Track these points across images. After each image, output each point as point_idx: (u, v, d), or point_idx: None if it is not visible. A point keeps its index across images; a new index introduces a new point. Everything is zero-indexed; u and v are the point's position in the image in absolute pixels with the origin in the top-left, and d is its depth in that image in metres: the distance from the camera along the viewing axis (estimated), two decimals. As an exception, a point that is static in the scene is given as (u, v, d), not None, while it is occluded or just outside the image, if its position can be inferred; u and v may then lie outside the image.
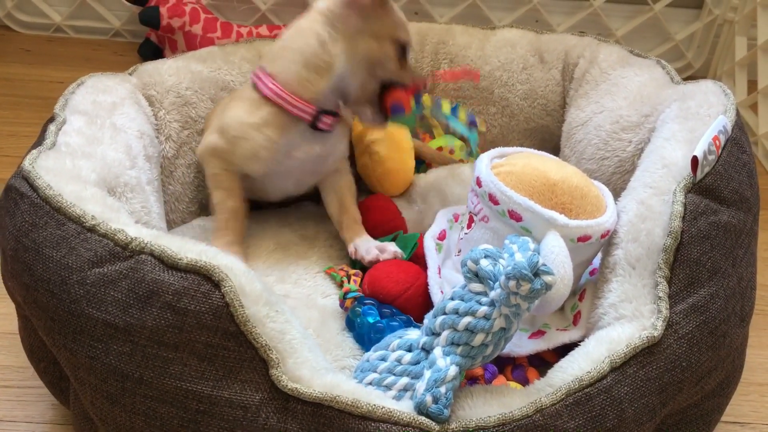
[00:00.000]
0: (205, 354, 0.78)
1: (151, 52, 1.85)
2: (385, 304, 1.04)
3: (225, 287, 0.78)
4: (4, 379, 1.09)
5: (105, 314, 0.79)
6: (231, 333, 0.78)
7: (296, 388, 0.77)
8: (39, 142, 0.99)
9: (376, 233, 1.19)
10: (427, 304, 1.06)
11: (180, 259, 0.80)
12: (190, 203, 1.29)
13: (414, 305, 1.06)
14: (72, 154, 0.97)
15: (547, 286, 0.77)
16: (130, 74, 1.27)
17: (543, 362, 0.98)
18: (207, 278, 0.79)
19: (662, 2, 1.90)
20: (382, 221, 1.22)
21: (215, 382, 0.78)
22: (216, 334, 0.78)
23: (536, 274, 0.76)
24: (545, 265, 0.77)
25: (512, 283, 0.76)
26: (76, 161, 0.96)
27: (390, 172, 1.31)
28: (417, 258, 1.15)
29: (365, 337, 1.00)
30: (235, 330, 0.78)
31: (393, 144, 1.32)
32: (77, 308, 0.80)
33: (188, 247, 0.82)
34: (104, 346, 0.79)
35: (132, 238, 0.82)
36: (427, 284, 1.07)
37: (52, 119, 1.04)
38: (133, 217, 0.98)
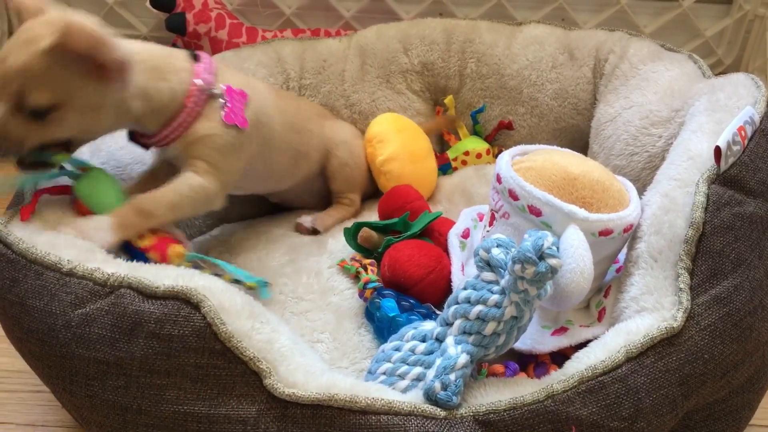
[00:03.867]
0: (197, 375, 0.79)
1: (179, 58, 1.87)
2: (404, 296, 1.04)
3: (204, 308, 0.79)
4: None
5: (95, 352, 0.80)
6: (218, 351, 0.79)
7: (293, 393, 0.77)
8: (14, 202, 0.99)
9: (396, 214, 1.19)
10: (448, 289, 1.07)
11: (157, 288, 0.81)
12: (207, 216, 1.30)
13: (436, 290, 1.06)
14: (49, 205, 0.98)
15: (552, 269, 0.76)
16: None
17: (566, 360, 0.98)
18: (186, 302, 0.80)
19: (691, -2, 1.88)
20: (402, 202, 1.21)
21: (211, 401, 0.79)
22: (203, 354, 0.79)
23: (541, 257, 0.76)
24: (551, 248, 0.76)
25: (517, 266, 0.76)
26: (53, 210, 0.97)
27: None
28: (435, 234, 1.16)
29: (385, 330, 1.00)
30: (221, 348, 0.79)
31: (406, 158, 1.33)
32: (68, 351, 0.81)
33: (164, 273, 0.83)
34: (100, 383, 0.80)
35: (109, 275, 0.83)
36: (449, 269, 1.08)
37: None
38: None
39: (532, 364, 0.96)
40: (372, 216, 1.29)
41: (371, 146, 1.34)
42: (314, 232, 1.25)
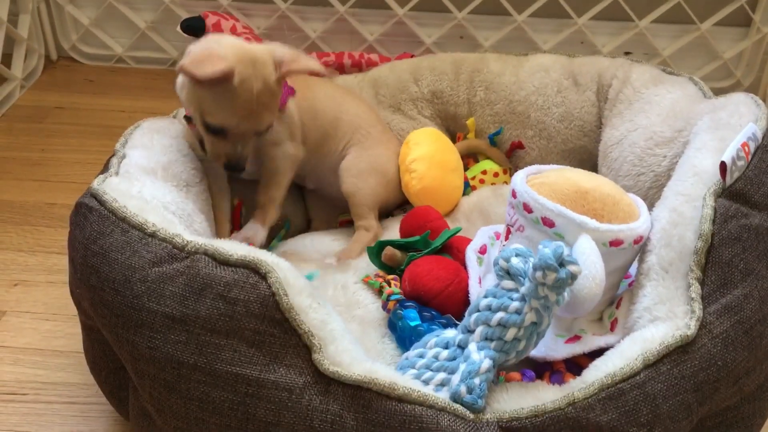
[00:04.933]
0: (253, 340, 0.83)
1: (207, 80, 1.92)
2: (425, 307, 1.08)
3: (271, 278, 0.84)
4: (71, 396, 1.15)
5: (164, 307, 0.85)
6: (277, 320, 0.83)
7: (337, 371, 0.82)
8: (104, 170, 1.07)
9: (417, 233, 1.22)
10: (466, 301, 1.10)
11: (231, 256, 0.86)
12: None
13: (454, 302, 1.09)
14: (135, 180, 1.05)
15: (572, 276, 0.80)
16: (173, 116, 1.33)
17: (581, 370, 0.99)
18: (255, 271, 0.85)
19: (709, 21, 1.91)
20: (423, 221, 1.24)
21: (263, 367, 0.83)
22: (263, 321, 0.83)
23: (562, 264, 0.80)
24: (570, 255, 0.79)
25: (539, 273, 0.80)
26: (137, 185, 1.04)
27: (428, 189, 1.35)
28: (454, 250, 1.19)
29: (407, 340, 1.04)
30: (280, 317, 0.83)
31: (434, 163, 1.37)
32: (139, 303, 0.87)
33: (238, 247, 0.89)
34: (163, 336, 0.85)
35: (188, 241, 0.89)
36: (466, 282, 1.11)
37: (113, 155, 1.12)
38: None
39: (547, 372, 0.99)
40: (393, 235, 1.32)
41: (407, 147, 1.40)
42: None
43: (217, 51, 1.09)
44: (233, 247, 0.88)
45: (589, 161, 1.45)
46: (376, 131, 1.40)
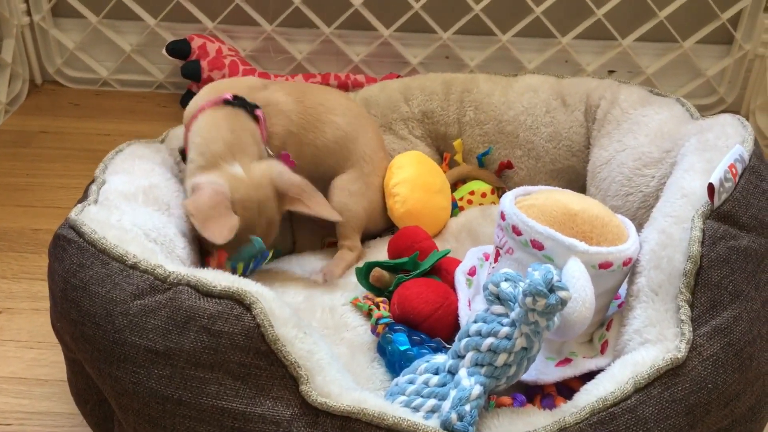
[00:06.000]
0: (238, 373, 0.82)
1: (193, 102, 1.92)
2: (415, 331, 1.07)
3: (256, 309, 0.83)
4: (56, 426, 1.13)
5: (146, 341, 0.84)
6: (262, 352, 0.83)
7: (325, 402, 0.81)
8: (83, 198, 1.06)
9: (405, 254, 1.21)
10: (456, 324, 1.10)
11: (214, 287, 0.85)
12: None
13: (444, 325, 1.09)
14: (115, 208, 1.04)
15: (563, 301, 0.80)
16: (162, 141, 1.32)
17: (572, 392, 0.99)
18: (239, 302, 0.84)
19: (692, 39, 1.93)
20: (411, 242, 1.24)
21: (249, 400, 0.82)
22: (248, 353, 0.82)
23: (552, 290, 0.79)
24: (560, 281, 0.79)
25: (529, 299, 0.80)
26: (117, 213, 1.02)
27: (412, 212, 1.35)
28: (443, 272, 1.18)
29: (396, 364, 1.03)
30: (266, 349, 0.82)
31: (418, 185, 1.36)
32: (121, 337, 0.85)
33: (221, 277, 0.88)
34: (146, 371, 0.84)
35: (170, 272, 0.88)
36: (456, 305, 1.11)
37: (93, 181, 1.11)
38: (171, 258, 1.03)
39: (538, 395, 0.99)
40: (380, 255, 1.32)
41: (390, 172, 1.40)
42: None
43: (224, 199, 1.11)
44: (216, 278, 0.87)
45: (577, 181, 1.45)
46: (377, 157, 1.40)
